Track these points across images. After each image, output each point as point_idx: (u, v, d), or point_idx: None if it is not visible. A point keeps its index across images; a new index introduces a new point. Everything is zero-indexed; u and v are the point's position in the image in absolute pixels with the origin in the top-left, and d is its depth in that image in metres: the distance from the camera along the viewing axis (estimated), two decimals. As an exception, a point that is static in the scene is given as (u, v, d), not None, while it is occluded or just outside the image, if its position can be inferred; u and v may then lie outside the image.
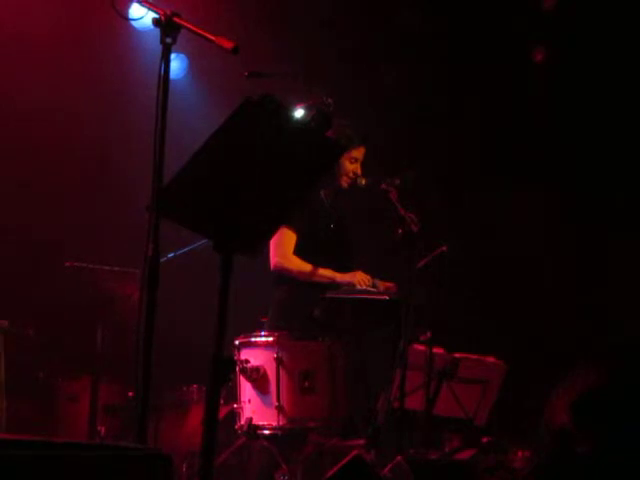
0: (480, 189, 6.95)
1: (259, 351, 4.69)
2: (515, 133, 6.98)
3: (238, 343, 4.73)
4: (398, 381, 4.67)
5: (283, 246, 5.13)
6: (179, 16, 3.48)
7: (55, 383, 5.91)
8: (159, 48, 3.47)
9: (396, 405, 4.73)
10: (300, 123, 3.40)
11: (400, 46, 6.94)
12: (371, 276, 5.18)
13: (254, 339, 4.75)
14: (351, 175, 5.24)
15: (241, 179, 2.90)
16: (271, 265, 5.16)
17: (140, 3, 3.65)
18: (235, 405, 4.73)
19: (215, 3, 6.31)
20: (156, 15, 3.49)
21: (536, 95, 6.90)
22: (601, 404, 2.76)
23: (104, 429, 5.55)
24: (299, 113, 4.72)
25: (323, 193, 5.35)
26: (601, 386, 2.79)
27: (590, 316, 6.47)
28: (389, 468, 4.26)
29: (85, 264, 5.70)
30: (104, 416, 5.68)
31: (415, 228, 4.72)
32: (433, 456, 4.86)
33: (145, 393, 3.21)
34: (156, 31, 3.49)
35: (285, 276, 5.18)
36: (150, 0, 3.59)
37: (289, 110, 3.79)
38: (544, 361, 6.10)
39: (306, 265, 5.16)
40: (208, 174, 2.87)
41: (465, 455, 5.05)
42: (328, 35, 6.83)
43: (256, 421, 4.61)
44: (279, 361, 4.60)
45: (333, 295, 5.00)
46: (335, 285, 5.13)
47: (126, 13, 4.07)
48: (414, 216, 4.77)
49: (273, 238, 4.88)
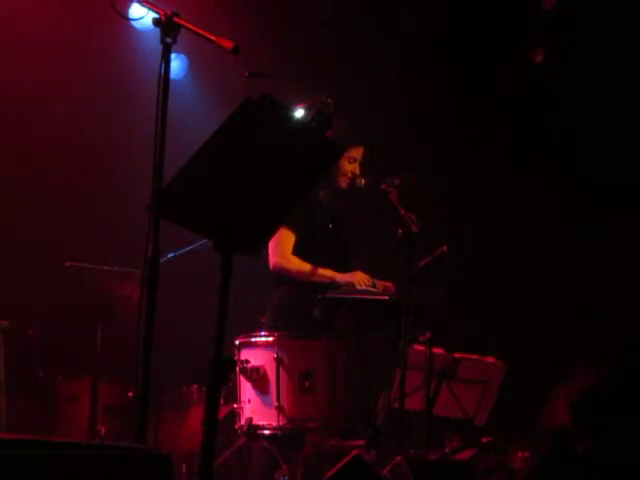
0: (480, 189, 6.95)
1: (259, 351, 4.68)
2: (515, 133, 6.99)
3: (238, 343, 4.72)
4: (398, 381, 4.67)
5: (282, 246, 5.12)
6: (179, 16, 3.49)
7: (55, 383, 5.91)
8: (159, 48, 3.48)
9: (396, 405, 4.74)
10: (300, 123, 3.39)
11: (400, 46, 6.94)
12: (370, 276, 5.18)
13: (254, 339, 4.74)
14: (349, 175, 5.23)
15: (241, 179, 2.90)
16: (270, 265, 5.15)
17: (140, 3, 3.65)
18: (235, 405, 4.73)
19: (215, 3, 6.31)
20: (156, 15, 3.50)
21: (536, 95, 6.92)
22: (601, 404, 2.76)
23: (104, 429, 5.55)
24: (299, 113, 4.72)
25: (322, 193, 5.35)
26: (601, 386, 2.79)
27: (590, 316, 6.47)
28: (389, 468, 4.26)
29: (85, 264, 5.70)
30: (104, 416, 5.68)
31: (415, 228, 4.72)
32: (433, 456, 4.86)
33: (145, 393, 3.21)
34: (156, 31, 3.49)
35: (285, 276, 5.18)
36: (150, 0, 3.59)
37: (289, 110, 3.78)
38: (544, 361, 6.10)
39: (305, 265, 5.15)
40: (208, 174, 2.87)
41: (465, 455, 5.06)
42: (328, 35, 6.83)
43: (256, 421, 4.60)
44: (279, 361, 4.60)
45: (333, 295, 5.00)
46: (335, 285, 5.13)
47: (126, 13, 4.07)
48: (414, 216, 4.77)
49: (272, 238, 4.87)
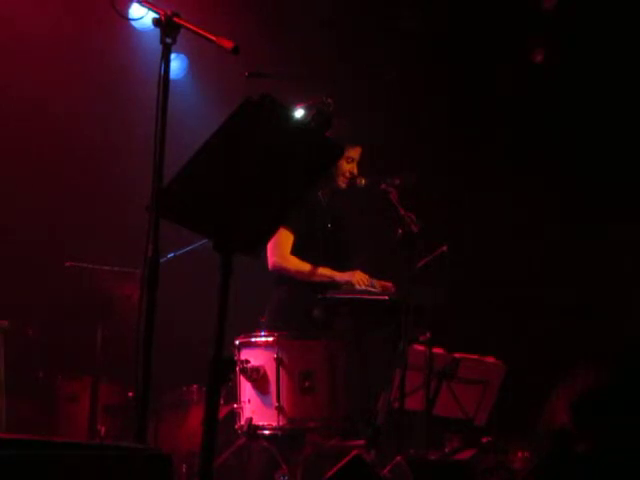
0: (480, 189, 6.95)
1: (259, 351, 4.68)
2: (515, 133, 6.99)
3: (238, 343, 4.72)
4: (398, 381, 4.67)
5: (280, 246, 5.12)
6: (179, 16, 3.48)
7: (55, 383, 5.91)
8: (159, 48, 3.47)
9: (396, 405, 4.74)
10: (300, 123, 3.39)
11: (400, 46, 6.94)
12: (370, 276, 5.18)
13: (254, 339, 4.74)
14: (347, 175, 5.23)
15: (241, 179, 2.89)
16: (269, 265, 5.15)
17: (140, 3, 3.65)
18: (235, 405, 4.73)
19: (215, 3, 6.31)
20: (156, 15, 3.50)
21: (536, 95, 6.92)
22: (601, 404, 2.76)
23: (104, 429, 5.55)
24: (299, 113, 4.72)
25: (320, 193, 5.34)
26: (601, 386, 2.79)
27: (590, 316, 6.47)
28: (389, 468, 4.26)
29: (85, 264, 5.70)
30: (104, 416, 5.68)
31: (415, 228, 4.72)
32: (433, 456, 4.86)
33: (145, 393, 3.21)
34: (156, 31, 3.49)
35: (284, 276, 5.17)
36: (150, 0, 3.59)
37: (289, 110, 3.78)
38: (544, 361, 6.10)
39: (304, 264, 5.15)
40: (208, 174, 2.87)
41: (465, 455, 5.06)
42: (328, 35, 6.83)
43: (256, 421, 4.60)
44: (279, 361, 4.60)
45: (333, 295, 5.00)
46: (334, 284, 5.13)
47: (126, 13, 4.07)
48: (414, 216, 4.77)
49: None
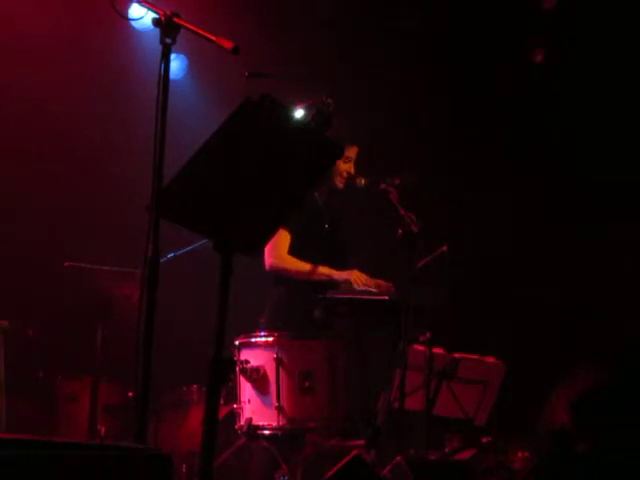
0: (480, 189, 6.95)
1: (259, 351, 4.68)
2: (515, 133, 6.99)
3: (238, 343, 4.72)
4: (398, 381, 4.67)
5: (278, 246, 5.12)
6: (179, 16, 3.49)
7: (55, 383, 5.90)
8: (159, 48, 3.48)
9: (396, 405, 4.74)
10: (300, 123, 3.39)
11: (400, 46, 6.94)
12: (369, 275, 5.18)
13: (254, 339, 4.74)
14: (344, 175, 5.23)
15: (241, 179, 2.89)
16: (266, 266, 5.15)
17: (140, 3, 3.65)
18: (235, 405, 4.73)
19: (215, 3, 6.31)
20: (156, 15, 3.50)
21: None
22: (601, 404, 2.76)
23: (104, 429, 5.54)
24: (299, 113, 4.72)
25: (317, 193, 5.34)
26: (601, 386, 2.79)
27: (590, 316, 6.47)
28: (389, 468, 4.26)
29: (85, 264, 5.70)
30: (104, 416, 5.68)
31: (415, 228, 4.72)
32: (433, 456, 4.86)
33: (145, 393, 3.21)
34: (156, 31, 3.49)
35: (284, 276, 5.17)
36: (150, 0, 3.59)
37: (289, 110, 3.77)
38: (544, 361, 6.10)
39: (302, 264, 5.15)
40: (208, 174, 2.87)
41: (465, 455, 5.05)
42: (328, 35, 6.83)
43: (256, 421, 4.60)
44: (279, 361, 4.60)
45: (332, 295, 5.00)
46: (334, 284, 5.13)
47: (126, 13, 4.07)
48: (414, 216, 4.77)
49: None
